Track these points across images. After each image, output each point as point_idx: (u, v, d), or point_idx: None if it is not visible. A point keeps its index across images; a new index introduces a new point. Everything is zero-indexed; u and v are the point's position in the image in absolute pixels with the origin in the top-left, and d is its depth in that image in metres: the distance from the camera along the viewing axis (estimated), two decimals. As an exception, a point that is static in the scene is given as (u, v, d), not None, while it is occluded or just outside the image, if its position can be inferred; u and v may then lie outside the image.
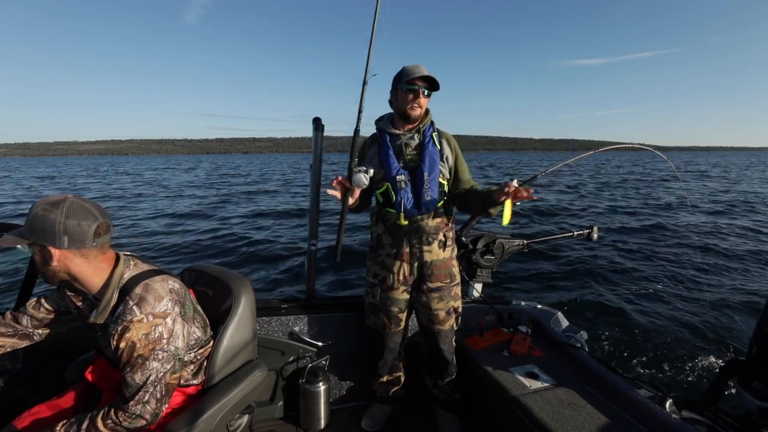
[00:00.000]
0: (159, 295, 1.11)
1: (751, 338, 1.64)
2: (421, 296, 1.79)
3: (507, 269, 6.19)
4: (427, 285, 1.77)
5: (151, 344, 1.07)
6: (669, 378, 3.41)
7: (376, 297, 1.80)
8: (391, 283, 1.76)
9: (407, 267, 1.75)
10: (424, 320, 1.85)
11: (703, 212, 11.81)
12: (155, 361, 1.08)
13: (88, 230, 1.05)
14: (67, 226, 1.02)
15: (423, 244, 1.72)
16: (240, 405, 1.35)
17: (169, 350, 1.10)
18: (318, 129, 1.90)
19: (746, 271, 6.20)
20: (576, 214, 11.83)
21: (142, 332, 1.05)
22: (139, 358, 1.06)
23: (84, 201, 1.08)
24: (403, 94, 1.64)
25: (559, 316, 2.32)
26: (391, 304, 1.79)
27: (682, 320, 4.44)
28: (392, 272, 1.76)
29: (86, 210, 1.06)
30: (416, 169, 1.69)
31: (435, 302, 1.78)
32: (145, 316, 1.07)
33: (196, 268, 1.57)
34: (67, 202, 1.05)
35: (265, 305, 2.03)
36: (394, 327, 1.83)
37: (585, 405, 1.55)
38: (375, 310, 1.83)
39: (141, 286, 1.10)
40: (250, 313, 1.43)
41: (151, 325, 1.07)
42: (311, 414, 1.91)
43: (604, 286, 5.56)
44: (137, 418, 1.07)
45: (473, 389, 1.98)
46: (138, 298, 1.08)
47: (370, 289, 1.83)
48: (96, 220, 1.07)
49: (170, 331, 1.11)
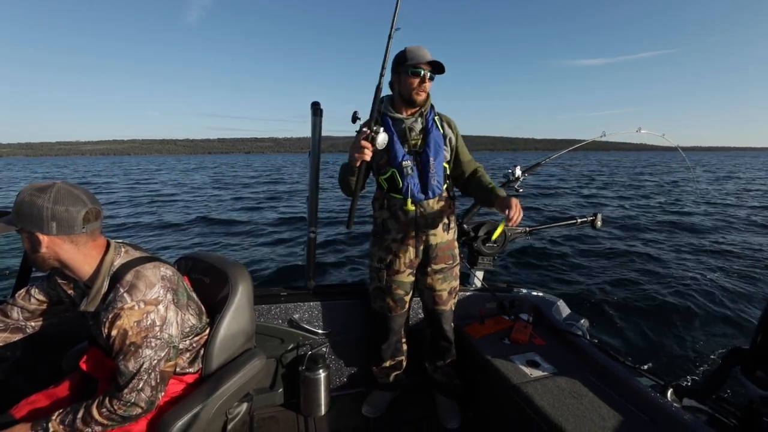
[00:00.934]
0: (150, 281, 1.09)
1: (756, 327, 1.62)
2: (425, 278, 1.82)
3: (509, 256, 6.17)
4: (431, 267, 1.79)
5: (143, 332, 1.05)
6: (670, 366, 3.41)
7: (383, 281, 1.80)
8: (397, 267, 1.77)
9: (413, 250, 1.76)
10: (429, 301, 1.87)
11: (711, 205, 11.72)
12: (148, 349, 1.06)
13: (77, 216, 1.02)
14: (55, 212, 1.00)
15: (429, 228, 1.74)
16: (238, 393, 1.35)
17: (163, 338, 1.09)
18: (316, 114, 1.86)
19: (751, 262, 6.17)
20: (579, 203, 11.77)
21: (133, 319, 1.04)
22: (131, 345, 1.04)
23: (73, 187, 1.06)
24: (407, 78, 1.60)
25: (560, 304, 2.31)
26: (397, 287, 1.80)
27: (685, 309, 4.43)
28: (398, 256, 1.76)
29: (74, 196, 1.03)
30: (421, 153, 1.67)
31: (439, 283, 1.82)
32: (137, 303, 1.05)
33: (193, 256, 1.55)
34: (54, 187, 1.02)
35: (264, 293, 2.01)
36: (399, 310, 1.85)
37: (586, 393, 1.54)
38: (381, 294, 1.84)
39: (132, 273, 1.08)
40: (247, 301, 1.42)
41: (143, 312, 1.05)
42: (311, 401, 1.92)
43: (607, 274, 5.55)
44: (132, 406, 1.06)
45: (474, 377, 1.98)
46: (129, 285, 1.06)
47: (375, 273, 1.83)
48: (85, 206, 1.04)
49: (163, 318, 1.09)
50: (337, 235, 7.89)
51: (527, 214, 9.38)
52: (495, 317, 2.20)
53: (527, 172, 2.19)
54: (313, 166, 1.93)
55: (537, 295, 2.34)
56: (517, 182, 2.06)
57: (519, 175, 2.07)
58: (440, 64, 1.59)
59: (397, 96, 1.69)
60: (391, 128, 1.66)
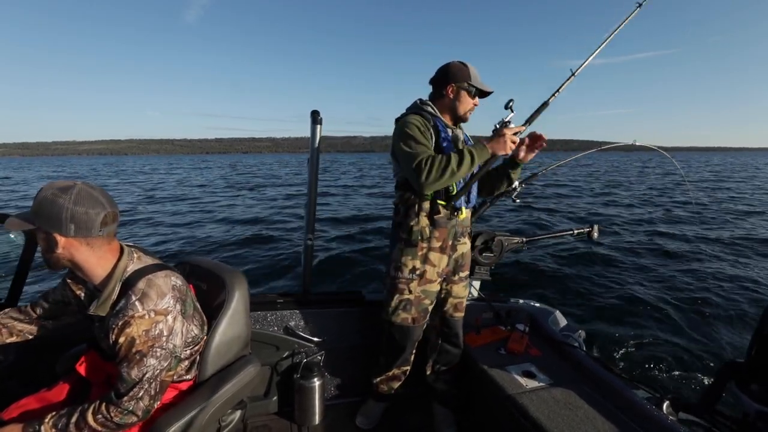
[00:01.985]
0: (162, 291, 1.09)
1: (751, 341, 1.62)
2: (451, 286, 1.86)
3: (505, 267, 6.17)
4: (459, 275, 1.85)
5: (150, 341, 1.04)
6: (666, 379, 3.40)
7: (413, 292, 1.75)
8: (429, 277, 1.75)
9: (447, 259, 1.76)
10: (450, 309, 1.89)
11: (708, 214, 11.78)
12: (153, 359, 1.05)
13: (96, 219, 1.02)
14: (74, 213, 0.99)
15: (462, 236, 1.80)
16: (232, 400, 1.34)
17: (168, 348, 1.08)
18: (316, 122, 1.88)
19: (748, 275, 6.19)
20: (575, 213, 11.82)
21: (142, 328, 1.03)
22: (137, 354, 1.03)
23: (93, 188, 1.05)
24: (468, 97, 1.70)
25: (557, 315, 2.31)
26: (425, 298, 1.78)
27: (682, 322, 4.42)
28: (434, 265, 1.74)
29: (94, 198, 1.03)
30: None
31: (462, 290, 1.89)
32: (147, 312, 1.04)
33: (191, 261, 1.55)
34: (76, 188, 1.02)
35: (260, 299, 2.01)
36: (422, 320, 1.82)
37: (582, 405, 1.53)
38: (407, 306, 1.76)
39: (144, 281, 1.08)
40: (243, 307, 1.41)
41: (152, 322, 1.04)
42: (306, 409, 1.90)
43: (604, 285, 5.55)
44: (129, 414, 1.05)
45: (470, 387, 1.97)
46: (141, 294, 1.05)
47: (405, 285, 1.74)
48: (104, 209, 1.04)
49: (170, 329, 1.08)
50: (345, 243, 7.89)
51: (521, 228, 9.41)
52: (491, 327, 2.20)
53: (524, 183, 2.20)
54: (312, 173, 1.94)
55: (533, 305, 2.35)
56: (515, 192, 2.07)
57: (516, 185, 2.07)
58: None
59: (444, 106, 1.73)
60: (447, 135, 1.69)
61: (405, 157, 1.55)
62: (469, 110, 1.73)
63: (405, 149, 1.55)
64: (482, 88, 1.70)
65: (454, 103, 1.70)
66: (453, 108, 1.71)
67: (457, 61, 1.70)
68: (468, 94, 1.68)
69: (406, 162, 1.54)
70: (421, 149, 1.53)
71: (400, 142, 1.58)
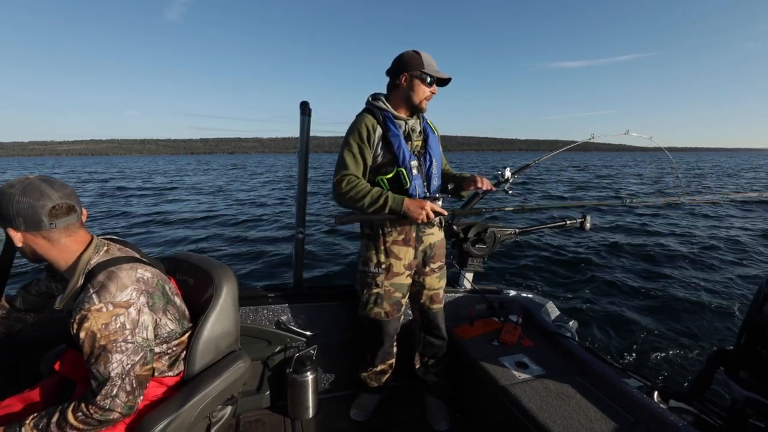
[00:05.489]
0: (123, 284, 1.05)
1: (740, 329, 1.64)
2: (424, 278, 1.84)
3: (498, 258, 6.20)
4: (429, 266, 1.83)
5: (112, 335, 1.01)
6: (657, 368, 3.45)
7: (381, 286, 1.75)
8: (396, 270, 1.74)
9: (413, 252, 1.75)
10: (426, 301, 1.87)
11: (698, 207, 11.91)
12: (118, 353, 1.02)
13: (41, 211, 0.99)
14: (19, 208, 0.97)
15: (427, 227, 1.77)
16: (222, 396, 1.32)
17: (136, 341, 1.05)
18: (305, 113, 1.84)
19: (737, 265, 6.28)
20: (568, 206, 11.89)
21: (101, 322, 0.99)
22: (101, 349, 1.00)
23: (43, 181, 1.02)
24: (422, 86, 1.65)
25: (549, 306, 2.31)
26: (395, 291, 1.77)
27: (672, 311, 4.49)
28: (399, 258, 1.73)
29: (40, 190, 1.00)
30: (424, 155, 1.72)
31: (437, 281, 1.86)
32: (105, 305, 1.00)
33: (177, 256, 1.52)
34: (25, 182, 0.99)
35: (252, 294, 1.98)
36: (396, 313, 1.82)
37: (573, 395, 1.54)
38: (378, 300, 1.77)
39: (104, 274, 1.04)
40: (231, 303, 1.39)
41: (111, 315, 1.01)
42: (299, 404, 1.89)
43: (596, 276, 5.60)
44: (108, 411, 1.02)
45: (462, 378, 1.97)
46: (99, 286, 1.02)
47: (372, 279, 1.75)
48: (51, 201, 1.01)
49: (134, 322, 1.05)
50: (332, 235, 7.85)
51: (513, 219, 9.44)
52: (484, 319, 2.20)
53: (516, 174, 2.20)
54: (302, 166, 1.91)
55: (526, 296, 2.35)
56: (507, 183, 2.08)
57: (508, 176, 2.08)
58: (449, 80, 1.72)
59: (399, 97, 1.69)
60: (396, 129, 1.66)
61: (338, 162, 1.64)
62: (425, 98, 1.68)
63: (342, 155, 1.64)
64: (437, 75, 1.65)
65: (408, 93, 1.66)
66: (408, 97, 1.66)
67: (412, 50, 1.67)
68: (422, 82, 1.64)
69: (337, 167, 1.63)
70: (351, 164, 1.61)
71: (343, 143, 1.66)
